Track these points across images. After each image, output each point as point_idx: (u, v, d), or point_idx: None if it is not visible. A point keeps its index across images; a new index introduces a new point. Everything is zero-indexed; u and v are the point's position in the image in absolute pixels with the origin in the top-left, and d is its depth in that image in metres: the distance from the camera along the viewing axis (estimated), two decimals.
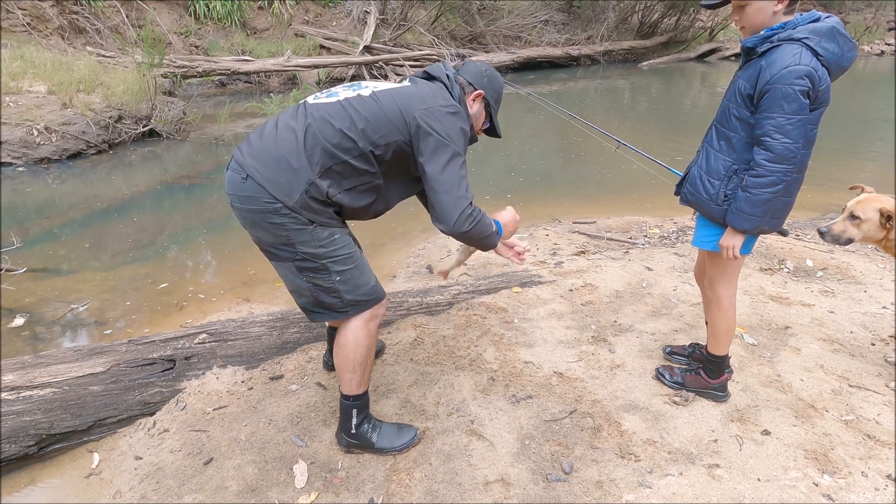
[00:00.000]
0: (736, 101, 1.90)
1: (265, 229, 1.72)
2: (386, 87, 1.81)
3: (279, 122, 1.76)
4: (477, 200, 1.80)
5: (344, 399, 1.95)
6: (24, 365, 2.21)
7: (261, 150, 1.71)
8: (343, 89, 1.82)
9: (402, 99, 1.75)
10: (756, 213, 1.86)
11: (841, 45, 1.78)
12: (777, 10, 1.80)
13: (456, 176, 1.72)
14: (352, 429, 1.96)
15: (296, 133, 1.70)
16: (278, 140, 1.71)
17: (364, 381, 1.94)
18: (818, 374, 2.45)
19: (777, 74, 1.74)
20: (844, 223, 2.28)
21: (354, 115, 1.71)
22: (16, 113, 6.02)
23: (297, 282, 1.80)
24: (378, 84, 1.85)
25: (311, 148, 1.68)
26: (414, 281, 3.52)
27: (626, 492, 1.84)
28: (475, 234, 1.81)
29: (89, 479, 1.99)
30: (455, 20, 13.73)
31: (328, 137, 1.69)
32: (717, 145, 1.98)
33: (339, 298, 1.81)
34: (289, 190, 1.67)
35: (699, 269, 2.34)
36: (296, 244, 1.73)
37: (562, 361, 2.52)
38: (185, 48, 10.76)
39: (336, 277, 1.78)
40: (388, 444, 1.99)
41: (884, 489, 1.86)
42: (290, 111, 1.80)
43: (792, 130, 1.76)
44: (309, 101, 1.80)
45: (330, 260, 1.77)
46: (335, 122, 1.70)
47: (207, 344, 2.45)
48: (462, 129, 1.78)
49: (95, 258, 4.01)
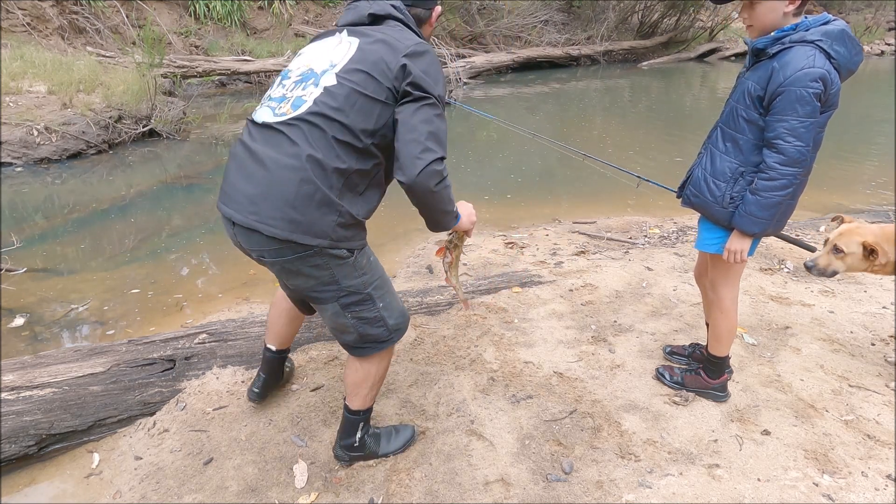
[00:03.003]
0: (745, 102, 1.87)
1: (305, 274, 1.58)
2: (346, 64, 1.56)
3: (262, 158, 1.52)
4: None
5: (352, 415, 1.88)
6: (24, 365, 2.21)
7: (266, 197, 1.49)
8: (301, 89, 1.57)
9: (373, 68, 1.53)
10: (765, 216, 1.84)
11: (850, 48, 1.77)
12: (788, 10, 1.77)
13: (431, 122, 1.53)
14: (355, 442, 1.91)
15: (296, 161, 1.48)
16: (282, 179, 1.48)
17: (377, 393, 1.91)
18: (818, 374, 2.45)
19: (791, 77, 1.71)
20: (829, 256, 2.28)
21: (338, 115, 1.51)
22: (16, 113, 6.02)
23: (341, 321, 1.69)
24: (331, 57, 1.59)
25: (322, 172, 1.49)
26: (414, 281, 3.52)
27: (626, 492, 1.84)
28: (438, 200, 1.58)
29: (89, 479, 1.99)
30: (455, 20, 13.73)
31: (330, 154, 1.50)
32: (722, 147, 1.96)
33: (384, 327, 1.73)
34: (322, 229, 1.51)
35: (700, 270, 2.34)
36: (340, 280, 1.61)
37: (562, 361, 2.52)
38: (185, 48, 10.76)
39: (380, 304, 1.71)
40: (390, 448, 1.99)
41: (884, 489, 1.86)
42: (259, 140, 1.56)
43: (805, 133, 1.74)
44: (270, 119, 1.56)
45: (372, 287, 1.69)
46: (328, 133, 1.50)
47: (207, 344, 2.45)
48: (437, 70, 1.59)
49: (95, 258, 4.01)
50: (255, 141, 1.56)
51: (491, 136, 8.03)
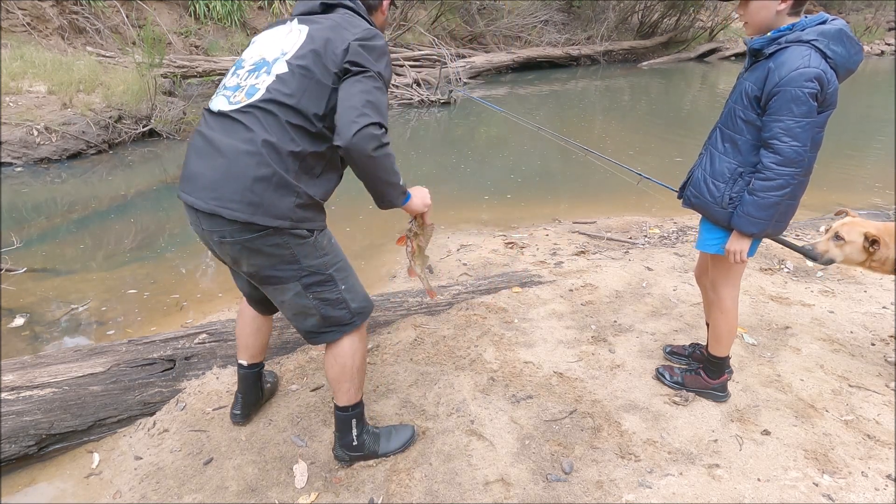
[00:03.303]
0: (742, 103, 1.87)
1: (266, 253, 1.62)
2: (296, 51, 1.61)
3: (218, 145, 1.57)
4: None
5: (342, 412, 1.88)
6: (24, 365, 2.21)
7: (224, 182, 1.55)
8: (255, 78, 1.63)
9: (322, 54, 1.58)
10: (763, 216, 1.84)
11: (848, 47, 1.77)
12: (781, 9, 1.78)
13: (369, 93, 1.55)
14: (353, 441, 1.91)
15: (251, 147, 1.54)
16: (238, 164, 1.54)
17: (361, 386, 1.90)
18: (818, 374, 2.45)
19: (786, 77, 1.72)
20: (828, 243, 2.29)
21: (290, 101, 1.56)
22: (16, 113, 6.02)
23: (303, 302, 1.72)
24: (282, 46, 1.64)
25: (277, 156, 1.55)
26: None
27: (626, 492, 1.84)
28: (377, 168, 1.57)
29: (89, 479, 1.99)
30: (455, 20, 13.73)
31: (284, 138, 1.56)
32: (721, 147, 1.96)
33: (346, 309, 1.77)
34: (282, 210, 1.57)
35: (700, 271, 2.34)
36: (301, 259, 1.66)
37: (562, 361, 2.52)
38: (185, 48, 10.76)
39: (342, 286, 1.75)
40: (390, 447, 1.99)
41: (884, 489, 1.86)
42: (216, 128, 1.61)
43: (801, 133, 1.74)
44: (225, 108, 1.61)
45: (334, 269, 1.73)
46: (282, 118, 1.56)
47: (207, 344, 2.45)
48: (380, 51, 1.63)
49: (95, 258, 4.01)
50: (213, 130, 1.62)
51: (491, 136, 8.03)
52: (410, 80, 9.95)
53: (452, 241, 4.19)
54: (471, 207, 5.02)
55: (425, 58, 11.16)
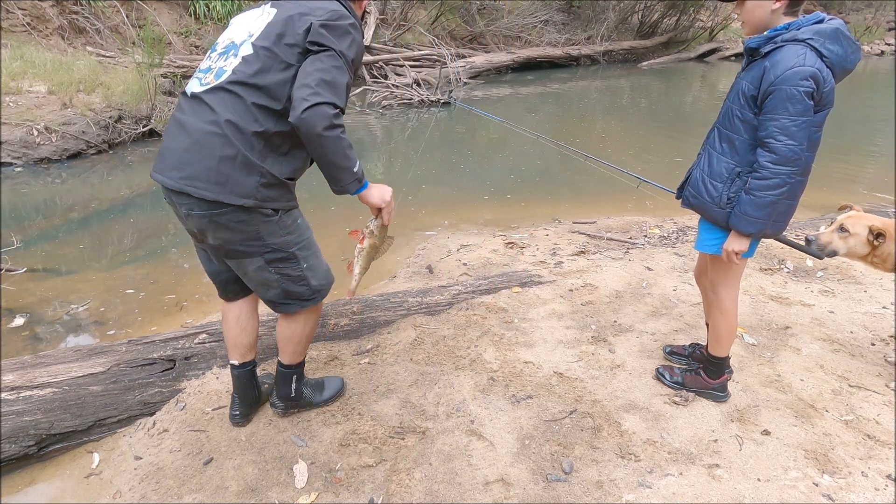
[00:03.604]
0: (739, 102, 1.88)
1: (231, 228, 1.69)
2: (261, 32, 1.67)
3: (186, 125, 1.65)
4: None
5: (284, 369, 2.06)
6: (24, 365, 2.21)
7: (191, 162, 1.62)
8: (224, 60, 1.70)
9: (285, 34, 1.64)
10: (760, 216, 1.84)
11: (844, 46, 1.77)
12: (776, 8, 1.79)
13: (326, 72, 1.58)
14: (291, 393, 2.09)
15: (215, 128, 1.60)
16: (204, 144, 1.61)
17: (306, 350, 2.09)
18: (818, 374, 2.45)
19: (782, 76, 1.72)
20: (832, 235, 2.30)
21: (255, 80, 1.62)
22: (16, 113, 6.02)
23: (265, 276, 1.81)
24: (250, 28, 1.71)
25: (241, 136, 1.61)
26: (414, 281, 3.52)
27: (626, 492, 1.84)
28: (329, 149, 1.59)
29: (89, 479, 1.99)
30: (455, 20, 13.73)
31: (247, 118, 1.61)
32: (719, 148, 1.96)
33: (307, 286, 1.87)
34: (247, 189, 1.63)
35: (699, 271, 2.34)
36: (265, 237, 1.73)
37: (562, 361, 2.52)
38: (185, 48, 10.76)
39: (304, 265, 1.84)
40: (323, 397, 2.19)
41: (884, 489, 1.86)
42: (186, 110, 1.68)
43: (796, 132, 1.75)
44: (197, 90, 1.68)
45: (297, 248, 1.81)
46: (246, 99, 1.61)
47: (207, 344, 2.45)
48: (344, 30, 1.66)
49: (95, 258, 4.01)
50: (184, 112, 1.70)
51: (491, 136, 8.03)
52: (410, 80, 9.95)
53: (452, 241, 4.19)
54: (471, 207, 5.02)
55: (425, 58, 11.17)
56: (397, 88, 9.70)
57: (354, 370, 2.45)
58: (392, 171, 6.44)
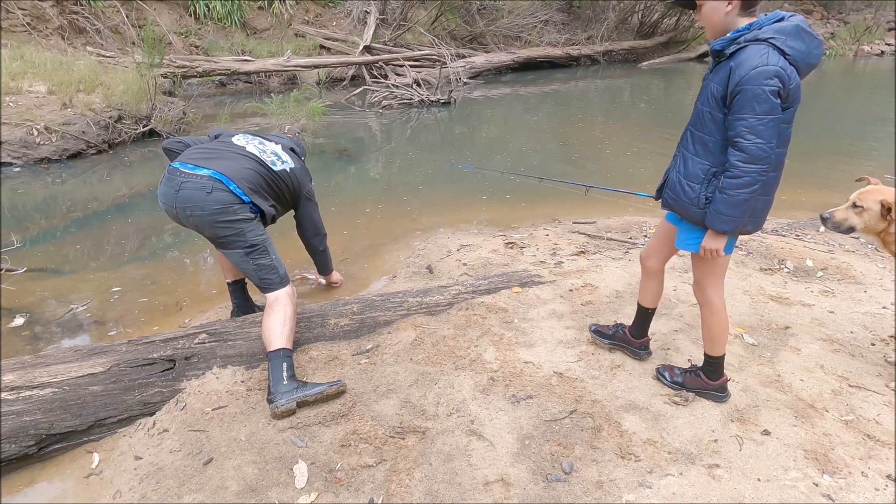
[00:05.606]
0: (710, 104, 1.91)
1: (224, 227, 2.36)
2: (284, 165, 2.68)
3: (224, 145, 2.58)
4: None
5: (276, 354, 2.26)
6: (24, 365, 2.21)
7: (227, 163, 2.44)
8: (259, 152, 2.60)
9: (301, 182, 2.79)
10: (734, 213, 1.87)
11: (807, 42, 1.79)
12: (728, 10, 1.82)
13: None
14: (283, 380, 2.20)
15: (251, 160, 2.53)
16: (237, 158, 2.49)
17: (293, 334, 2.38)
18: (818, 374, 2.45)
19: (747, 75, 1.75)
20: (847, 211, 2.33)
21: (269, 177, 2.59)
22: (16, 113, 6.02)
23: (245, 265, 2.45)
24: (276, 151, 2.70)
25: (255, 177, 2.50)
26: (414, 281, 3.52)
27: (626, 492, 1.84)
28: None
29: (89, 479, 1.99)
30: (455, 20, 13.73)
31: (257, 180, 2.51)
32: (693, 149, 2.00)
33: (276, 273, 2.47)
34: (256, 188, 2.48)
35: (648, 252, 2.38)
36: (246, 233, 2.40)
37: (562, 361, 2.52)
38: (185, 48, 10.76)
39: (273, 256, 2.48)
40: (319, 387, 2.25)
41: (884, 489, 1.86)
42: (236, 142, 2.61)
43: (764, 131, 1.77)
44: (240, 143, 2.62)
45: (267, 243, 2.48)
46: (257, 172, 2.52)
47: (207, 344, 2.45)
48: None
49: (95, 258, 4.01)
50: (225, 141, 2.70)
51: (491, 136, 8.03)
52: (410, 80, 9.96)
53: (452, 241, 4.19)
54: (471, 207, 5.02)
55: (425, 58, 11.16)
56: (397, 88, 9.70)
57: (354, 370, 2.45)
58: (392, 170, 6.44)
